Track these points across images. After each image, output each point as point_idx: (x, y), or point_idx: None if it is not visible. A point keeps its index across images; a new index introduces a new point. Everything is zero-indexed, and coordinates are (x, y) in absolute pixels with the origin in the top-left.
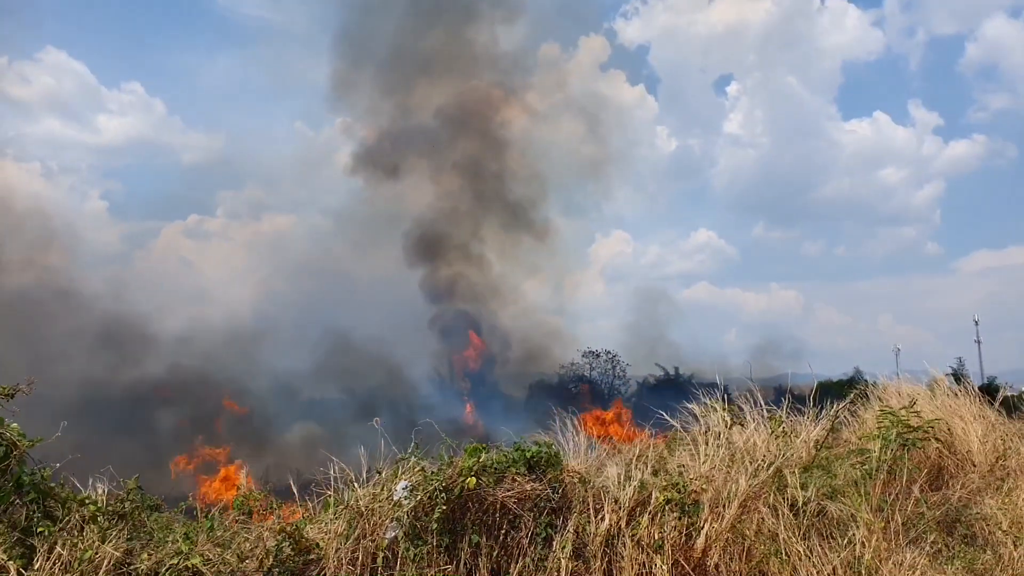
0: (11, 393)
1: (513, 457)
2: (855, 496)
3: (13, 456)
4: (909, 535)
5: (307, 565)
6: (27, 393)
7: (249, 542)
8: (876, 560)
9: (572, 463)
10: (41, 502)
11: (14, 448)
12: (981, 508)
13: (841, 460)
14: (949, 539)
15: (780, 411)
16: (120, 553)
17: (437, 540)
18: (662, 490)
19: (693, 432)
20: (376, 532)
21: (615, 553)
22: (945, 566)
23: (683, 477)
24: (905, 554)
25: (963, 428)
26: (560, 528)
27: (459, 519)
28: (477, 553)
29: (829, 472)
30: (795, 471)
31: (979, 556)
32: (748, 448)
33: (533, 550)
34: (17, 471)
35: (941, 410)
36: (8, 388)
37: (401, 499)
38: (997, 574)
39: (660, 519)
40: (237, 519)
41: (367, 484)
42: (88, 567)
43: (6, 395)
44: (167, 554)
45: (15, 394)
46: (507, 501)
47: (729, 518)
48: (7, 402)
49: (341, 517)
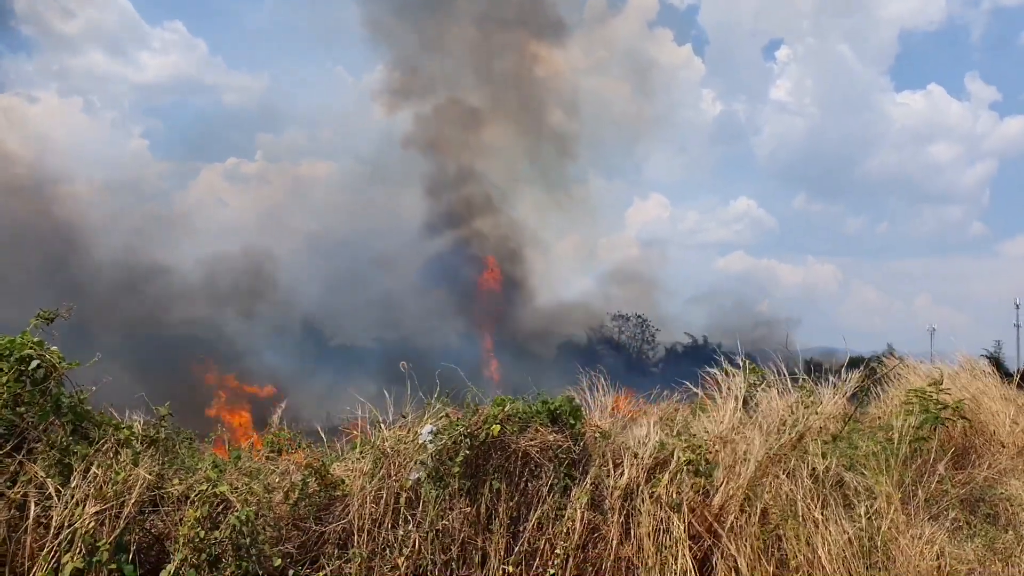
0: (51, 317)
1: (537, 408)
2: (876, 469)
3: (52, 378)
4: (931, 511)
5: (332, 501)
6: (66, 318)
7: (276, 475)
8: (894, 532)
9: (595, 418)
10: (78, 424)
11: (53, 370)
12: (1006, 489)
13: (865, 434)
14: (971, 517)
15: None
16: (152, 477)
17: (459, 484)
18: (684, 450)
19: (716, 397)
20: (400, 473)
21: (633, 508)
22: (965, 543)
23: (700, 439)
24: (924, 528)
25: (993, 409)
26: (579, 480)
27: (481, 465)
28: (497, 499)
29: (852, 444)
30: (817, 440)
31: (1000, 536)
32: (768, 413)
33: (552, 499)
34: (56, 392)
35: (971, 391)
36: (48, 312)
37: (426, 442)
38: (1017, 554)
39: (679, 478)
40: (266, 455)
41: (393, 427)
42: (122, 488)
43: (46, 319)
44: (196, 480)
45: (55, 318)
46: (529, 450)
47: (744, 477)
48: (47, 326)
49: (367, 456)
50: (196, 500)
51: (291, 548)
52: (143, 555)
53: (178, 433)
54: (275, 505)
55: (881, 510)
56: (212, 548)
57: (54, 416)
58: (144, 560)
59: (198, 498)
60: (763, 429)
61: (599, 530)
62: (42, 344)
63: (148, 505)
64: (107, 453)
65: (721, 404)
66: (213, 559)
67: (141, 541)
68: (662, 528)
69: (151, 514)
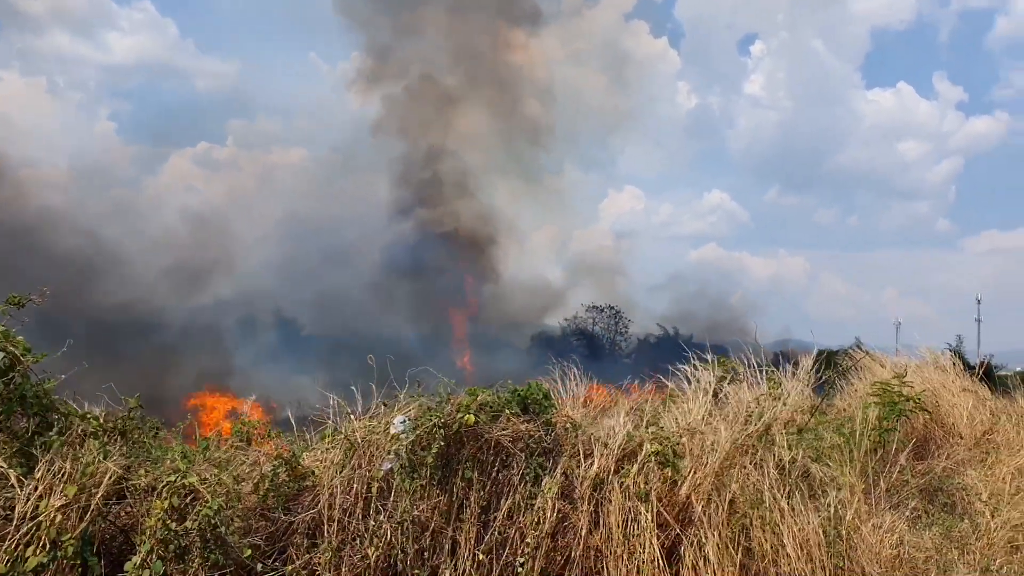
0: (22, 303)
1: (508, 398)
2: (840, 460)
3: (17, 370)
4: (892, 500)
5: (302, 491)
6: (38, 303)
7: (246, 465)
8: (856, 521)
9: (567, 409)
10: (44, 415)
11: (18, 361)
12: (963, 479)
13: (830, 425)
14: (930, 506)
15: (776, 373)
16: (120, 469)
17: (431, 474)
18: (651, 441)
19: (687, 389)
20: (372, 463)
21: (603, 497)
22: (923, 531)
23: (668, 430)
24: (885, 517)
25: (952, 402)
26: (550, 470)
27: (454, 455)
28: (469, 488)
29: (818, 436)
30: (784, 431)
31: (956, 524)
32: (737, 404)
33: (523, 488)
34: (21, 383)
35: (933, 384)
36: (18, 297)
37: (399, 433)
38: (973, 542)
39: (647, 469)
40: (235, 444)
41: (364, 417)
42: (89, 481)
43: (16, 304)
44: (164, 471)
45: (25, 304)
46: (501, 440)
47: (711, 467)
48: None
49: (338, 447)
50: (164, 491)
51: (259, 540)
52: (106, 546)
53: (145, 423)
54: (244, 496)
55: (845, 500)
56: (180, 540)
57: (19, 407)
58: (107, 551)
59: (166, 489)
60: (730, 420)
61: (568, 519)
62: (8, 334)
63: (114, 497)
64: (73, 444)
65: (691, 396)
66: (180, 551)
67: (105, 532)
68: (631, 517)
69: (116, 506)
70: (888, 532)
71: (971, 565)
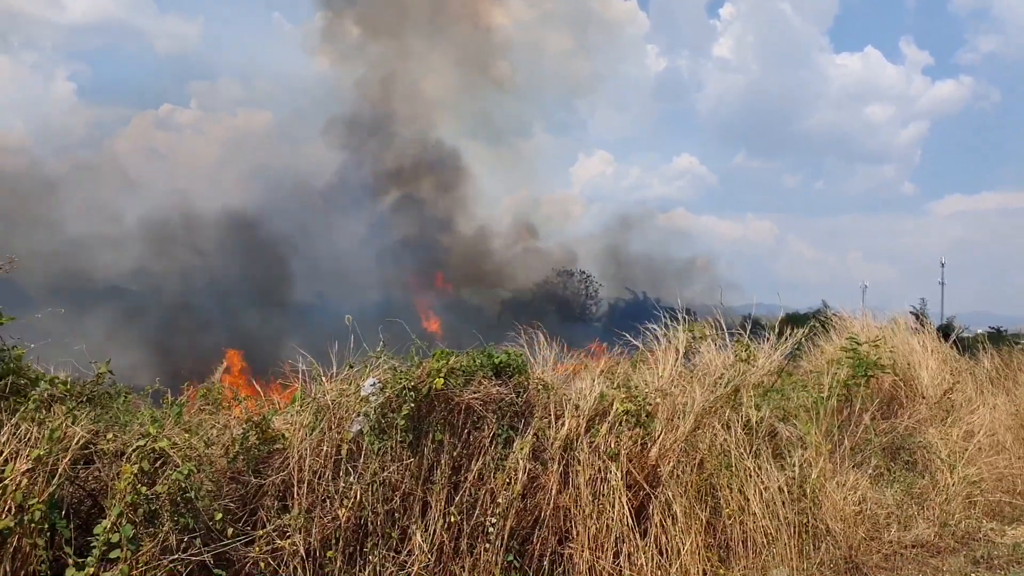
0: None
1: (481, 361)
2: (806, 420)
3: None
4: (855, 459)
5: (272, 454)
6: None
7: (216, 429)
8: (821, 479)
9: (539, 371)
10: (11, 379)
11: None
12: (924, 437)
13: (797, 386)
14: (892, 464)
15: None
16: (87, 434)
17: (402, 436)
18: (622, 401)
19: (656, 351)
20: (342, 425)
21: (572, 457)
22: (885, 488)
23: (641, 391)
24: (849, 475)
25: (917, 363)
26: (521, 431)
27: (424, 417)
28: (440, 450)
29: (784, 395)
30: (751, 392)
31: (917, 481)
32: (707, 367)
33: (494, 449)
34: None
35: (899, 345)
36: None
37: (369, 395)
38: (932, 497)
39: (617, 428)
40: (203, 408)
41: (335, 379)
42: (56, 446)
43: None
44: (133, 435)
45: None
46: (472, 403)
47: (683, 430)
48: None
49: (307, 409)
50: (133, 456)
51: (230, 503)
52: (75, 510)
53: (115, 388)
54: (215, 460)
55: (810, 459)
56: (150, 504)
57: None
58: (76, 514)
59: (135, 454)
60: (703, 383)
61: (539, 480)
62: None
63: (82, 461)
64: (41, 409)
65: (661, 357)
66: (150, 515)
67: (73, 497)
68: (600, 477)
69: (84, 470)
70: (851, 489)
71: (930, 520)
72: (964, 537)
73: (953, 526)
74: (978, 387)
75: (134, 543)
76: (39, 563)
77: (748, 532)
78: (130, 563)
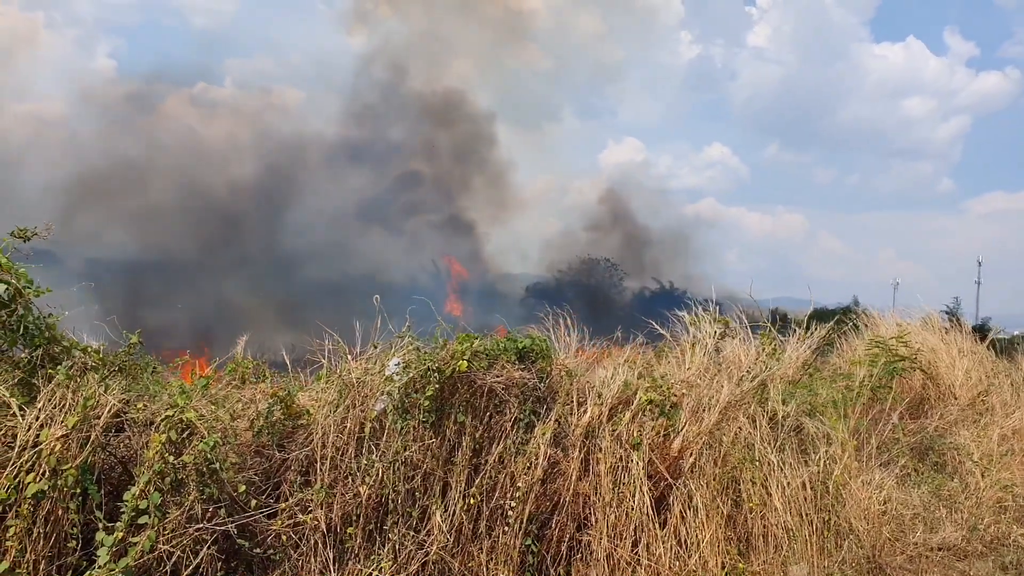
0: (27, 236)
1: (505, 345)
2: (833, 416)
3: (19, 302)
4: (882, 458)
5: (296, 430)
6: (44, 237)
7: (242, 403)
8: (846, 477)
9: (562, 357)
10: (46, 347)
11: (20, 295)
12: (955, 438)
13: (825, 382)
14: (920, 465)
15: (773, 331)
16: (119, 403)
17: (424, 416)
18: (646, 390)
19: (682, 342)
20: (366, 403)
21: (594, 445)
22: (912, 489)
23: (666, 381)
24: (875, 474)
25: (949, 363)
26: (543, 416)
27: (447, 398)
28: (461, 432)
29: (812, 391)
30: (778, 386)
31: (945, 483)
32: (734, 359)
33: (515, 433)
34: (24, 314)
35: (930, 344)
36: (23, 230)
37: (393, 375)
38: (961, 501)
39: (640, 418)
40: (230, 382)
41: (360, 358)
42: (90, 413)
43: (21, 237)
44: (162, 406)
45: (31, 237)
46: (495, 386)
47: (709, 423)
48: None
49: (332, 386)
50: (162, 425)
51: (254, 476)
52: (106, 476)
53: (144, 360)
54: (240, 432)
55: (836, 456)
56: (176, 473)
57: (20, 339)
58: (107, 480)
59: (164, 423)
60: (731, 377)
61: (559, 465)
62: (10, 266)
63: (113, 429)
64: (75, 377)
65: (688, 349)
66: (177, 484)
67: (105, 463)
68: (621, 466)
69: (115, 438)
70: (877, 488)
71: (958, 524)
72: (993, 542)
73: (982, 530)
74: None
75: (161, 510)
76: (71, 526)
77: (769, 527)
78: (157, 530)
